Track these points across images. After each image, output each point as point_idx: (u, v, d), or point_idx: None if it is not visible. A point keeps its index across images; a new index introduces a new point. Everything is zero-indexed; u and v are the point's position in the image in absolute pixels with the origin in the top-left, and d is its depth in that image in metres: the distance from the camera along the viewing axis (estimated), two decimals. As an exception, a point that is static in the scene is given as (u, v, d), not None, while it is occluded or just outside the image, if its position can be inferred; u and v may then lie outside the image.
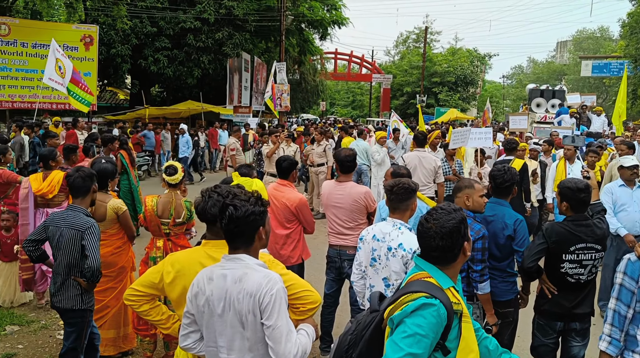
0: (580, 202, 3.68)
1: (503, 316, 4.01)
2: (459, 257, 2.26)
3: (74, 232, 3.60)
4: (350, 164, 4.85)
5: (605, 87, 45.12)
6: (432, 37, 52.45)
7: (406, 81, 44.87)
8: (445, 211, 2.27)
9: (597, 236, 3.66)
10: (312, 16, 26.71)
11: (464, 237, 2.25)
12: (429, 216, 2.29)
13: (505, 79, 74.04)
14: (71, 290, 3.67)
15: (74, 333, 3.72)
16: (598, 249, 3.66)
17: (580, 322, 3.78)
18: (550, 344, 3.88)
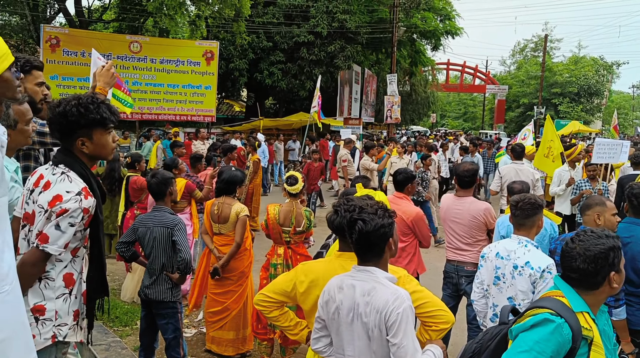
0: None
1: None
2: (602, 286, 2.15)
3: (164, 229, 3.87)
4: (469, 179, 4.73)
5: None
6: (552, 45, 49.84)
7: (523, 92, 42.99)
8: (595, 235, 2.18)
9: None
10: (424, 27, 26.47)
11: (612, 267, 2.13)
12: (576, 237, 2.21)
13: (636, 89, 68.31)
14: (163, 284, 3.94)
15: (169, 324, 3.97)
16: None
17: None
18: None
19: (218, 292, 4.76)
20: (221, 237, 4.75)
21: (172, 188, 4.06)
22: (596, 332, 2.13)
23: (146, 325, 4.11)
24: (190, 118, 19.64)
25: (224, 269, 4.66)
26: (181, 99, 19.07)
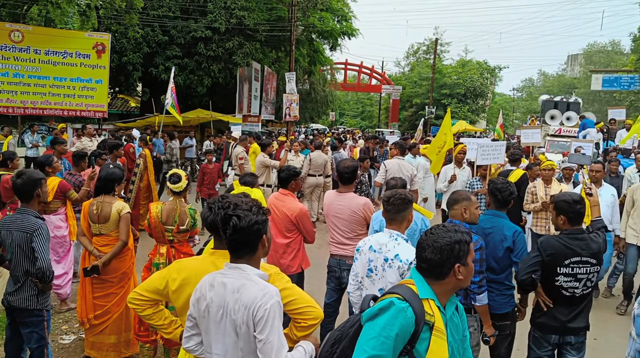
0: (577, 213, 3.70)
1: (500, 329, 4.05)
2: (448, 277, 2.26)
3: (24, 234, 3.67)
4: (349, 176, 4.89)
5: (615, 101, 44.86)
6: (442, 49, 52.59)
7: (415, 92, 45.01)
8: (445, 229, 2.30)
9: (593, 250, 3.66)
10: (322, 27, 26.88)
11: (458, 259, 2.24)
12: (429, 230, 2.34)
13: (516, 92, 73.99)
14: (28, 290, 3.75)
15: (33, 333, 3.79)
16: (593, 263, 3.66)
17: (576, 335, 3.78)
18: (546, 357, 3.89)
19: (99, 295, 4.59)
20: (101, 238, 4.57)
21: (41, 189, 3.84)
22: (439, 318, 2.24)
23: (11, 334, 3.90)
24: (80, 113, 18.53)
25: (105, 268, 4.48)
26: (69, 93, 17.93)
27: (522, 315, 4.26)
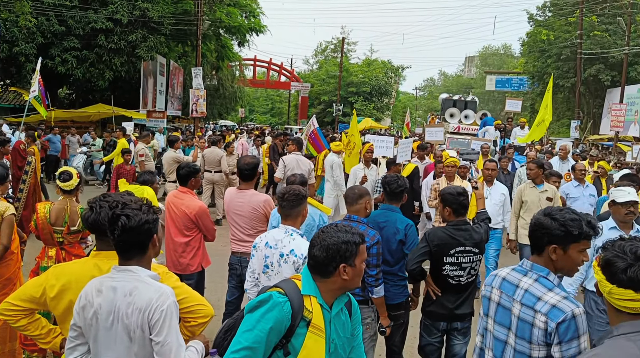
0: (460, 205, 3.95)
1: (394, 318, 4.19)
2: (333, 276, 2.25)
3: None
4: (249, 172, 4.90)
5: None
6: (349, 48, 53.83)
7: (323, 90, 45.68)
8: (337, 228, 2.31)
9: (475, 240, 3.91)
10: (230, 22, 26.62)
11: (344, 259, 2.24)
12: (323, 228, 2.36)
13: (418, 91, 77.20)
14: None
15: None
16: (475, 252, 3.91)
17: (462, 321, 3.99)
18: (436, 343, 4.08)
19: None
20: (-20, 242, 4.29)
21: None
22: (318, 315, 2.24)
23: None
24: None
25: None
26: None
27: (415, 304, 4.43)
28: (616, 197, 4.44)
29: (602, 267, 1.94)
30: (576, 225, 2.38)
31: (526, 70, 36.16)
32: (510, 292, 2.56)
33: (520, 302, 2.49)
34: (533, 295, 2.45)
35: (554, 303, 2.36)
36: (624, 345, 1.80)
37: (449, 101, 17.92)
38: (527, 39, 35.10)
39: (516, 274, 2.59)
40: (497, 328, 2.62)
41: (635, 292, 1.83)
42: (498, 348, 2.60)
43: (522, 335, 2.46)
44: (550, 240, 2.44)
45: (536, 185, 6.82)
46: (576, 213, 2.45)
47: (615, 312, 1.92)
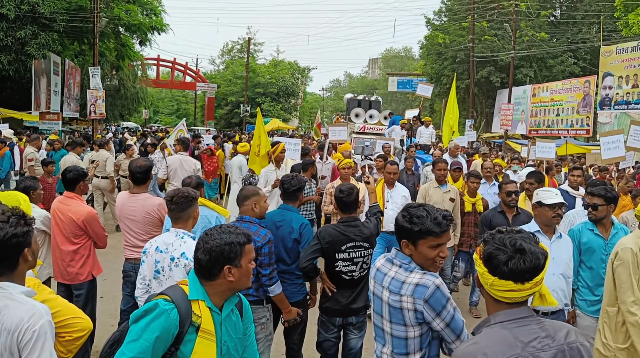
0: (342, 203, 4.10)
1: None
2: (219, 278, 2.24)
3: None
4: (142, 176, 4.74)
5: (409, 101, 50.05)
6: (256, 48, 53.59)
7: (230, 91, 45.22)
8: (220, 230, 2.29)
9: (365, 235, 4.00)
10: (129, 20, 25.64)
11: (228, 261, 2.23)
12: (207, 230, 2.33)
13: (325, 92, 78.52)
14: None
15: None
16: (366, 247, 4.00)
17: (356, 315, 4.06)
18: (332, 339, 4.13)
19: None
20: None
21: None
22: (208, 319, 2.22)
23: None
24: None
25: None
26: None
27: (313, 302, 4.46)
28: (543, 198, 4.13)
29: (484, 260, 1.97)
30: (419, 222, 2.50)
31: (425, 72, 37.91)
32: (379, 280, 2.67)
33: (388, 289, 2.59)
34: (398, 280, 2.57)
35: (416, 282, 2.48)
36: (500, 333, 1.88)
37: (354, 101, 17.87)
38: (425, 42, 36.77)
39: (387, 263, 2.70)
40: (376, 318, 2.71)
41: (514, 282, 1.89)
42: (380, 335, 2.71)
43: (396, 320, 2.56)
44: (401, 235, 2.60)
45: (440, 185, 6.82)
46: (430, 210, 2.55)
47: (493, 301, 1.99)
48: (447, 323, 2.48)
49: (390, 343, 2.61)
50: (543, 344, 1.84)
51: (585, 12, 31.49)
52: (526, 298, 1.96)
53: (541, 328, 1.89)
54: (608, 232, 4.37)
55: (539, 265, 1.89)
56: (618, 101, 24.68)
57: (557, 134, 26.45)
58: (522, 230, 2.02)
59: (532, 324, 1.90)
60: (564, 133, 26.08)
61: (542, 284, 1.97)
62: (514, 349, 1.81)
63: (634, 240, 3.69)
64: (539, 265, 1.89)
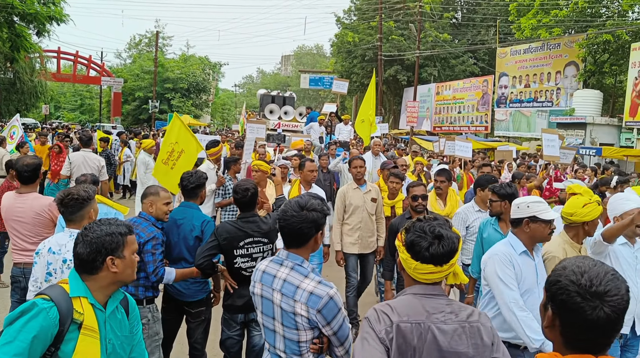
0: (238, 203, 4.12)
1: (196, 316, 4.25)
2: (102, 271, 2.23)
3: None
4: (30, 174, 4.49)
5: (321, 98, 50.72)
6: (165, 42, 52.07)
7: (138, 86, 43.64)
8: (99, 223, 2.28)
9: (263, 230, 3.99)
10: (24, 8, 24.08)
11: (111, 252, 2.23)
12: (87, 225, 2.30)
13: (238, 88, 77.85)
14: None
15: None
16: (265, 242, 3.98)
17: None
18: (235, 336, 4.09)
19: None
20: None
21: None
22: (91, 316, 2.18)
23: None
24: None
25: None
26: None
27: (217, 300, 4.41)
28: (539, 213, 3.33)
29: (407, 247, 2.12)
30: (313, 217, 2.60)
31: (336, 69, 38.59)
32: (268, 283, 2.65)
33: (280, 292, 2.58)
34: (292, 284, 2.56)
35: (310, 290, 2.51)
36: (411, 300, 2.09)
37: (267, 97, 17.17)
38: (336, 41, 37.45)
39: (273, 265, 2.69)
40: (265, 319, 2.70)
41: (434, 266, 2.07)
42: (270, 337, 2.70)
43: (288, 323, 2.57)
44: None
45: (359, 186, 6.16)
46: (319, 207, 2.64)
47: (412, 281, 2.16)
48: (334, 332, 2.57)
49: (283, 344, 2.64)
50: (446, 318, 2.04)
51: (483, 15, 33.40)
52: (443, 278, 2.16)
53: (448, 305, 2.09)
54: (508, 228, 4.10)
55: (454, 249, 2.09)
56: (512, 99, 26.48)
57: (459, 131, 27.94)
58: (438, 217, 2.23)
59: (441, 300, 2.10)
60: (465, 129, 27.62)
61: (456, 265, 2.21)
62: (419, 316, 2.03)
63: (561, 246, 3.50)
64: (455, 249, 2.09)
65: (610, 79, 24.83)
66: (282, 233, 2.64)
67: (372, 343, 1.99)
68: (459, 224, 5.46)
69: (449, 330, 2.01)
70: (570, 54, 23.51)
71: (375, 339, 1.99)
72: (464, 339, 2.01)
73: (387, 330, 2.00)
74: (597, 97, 22.26)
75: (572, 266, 1.53)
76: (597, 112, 22.08)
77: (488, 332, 2.05)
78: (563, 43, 23.79)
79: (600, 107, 22.53)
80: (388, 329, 2.00)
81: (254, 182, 4.36)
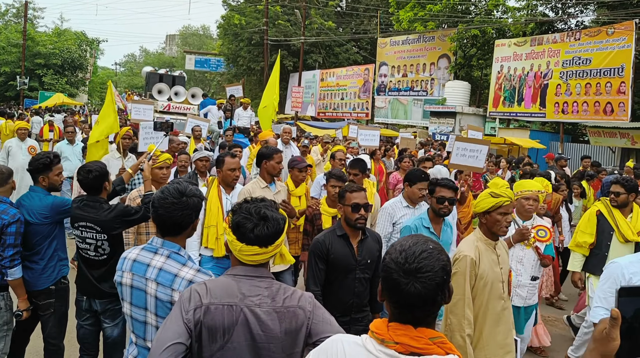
0: (80, 184, 3.98)
1: (44, 308, 4.07)
2: None
3: None
4: None
5: (207, 80, 49.78)
6: (35, 14, 48.05)
7: (4, 60, 39.86)
8: None
9: (97, 218, 3.78)
10: None
11: None
12: None
13: (119, 66, 73.81)
14: None
15: None
16: (97, 230, 3.79)
17: (101, 300, 3.88)
18: (87, 326, 3.97)
19: None
20: None
21: None
22: None
23: None
24: None
25: None
26: None
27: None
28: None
29: (233, 229, 2.10)
30: None
31: (222, 52, 38.05)
32: (141, 272, 2.51)
33: (155, 281, 2.46)
34: (169, 272, 2.46)
35: (190, 278, 2.44)
36: (227, 282, 2.08)
37: (155, 75, 15.79)
38: (222, 22, 36.85)
39: (146, 253, 2.56)
40: (134, 311, 2.54)
41: (259, 247, 2.07)
42: (139, 329, 2.55)
43: (163, 314, 2.44)
44: None
45: (268, 184, 5.11)
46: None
47: (238, 262, 2.15)
48: None
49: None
50: (262, 301, 2.04)
51: (366, 6, 34.57)
52: (268, 259, 2.16)
53: (267, 289, 2.08)
54: (440, 226, 4.32)
55: (279, 230, 2.12)
56: (391, 88, 27.83)
57: (342, 116, 28.90)
58: (265, 199, 2.23)
59: (261, 283, 2.09)
60: (347, 115, 28.61)
61: (282, 246, 2.25)
62: (233, 298, 2.03)
63: (474, 243, 3.40)
64: (280, 230, 2.12)
65: (477, 72, 26.90)
66: (158, 221, 2.53)
67: (174, 325, 1.99)
68: (385, 220, 4.89)
69: (261, 313, 2.02)
70: (443, 47, 25.13)
71: (179, 319, 2.00)
72: (276, 323, 2.02)
73: (195, 310, 2.00)
74: (465, 88, 24.05)
75: (397, 245, 1.64)
76: (465, 102, 23.87)
77: (304, 316, 2.07)
78: (437, 36, 25.35)
79: (468, 98, 24.37)
80: (197, 310, 2.00)
81: (103, 165, 4.10)
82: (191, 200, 2.54)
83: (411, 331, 1.54)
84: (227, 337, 1.98)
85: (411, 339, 1.51)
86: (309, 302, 2.11)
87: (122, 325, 3.92)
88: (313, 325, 2.07)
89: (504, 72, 21.46)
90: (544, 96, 19.75)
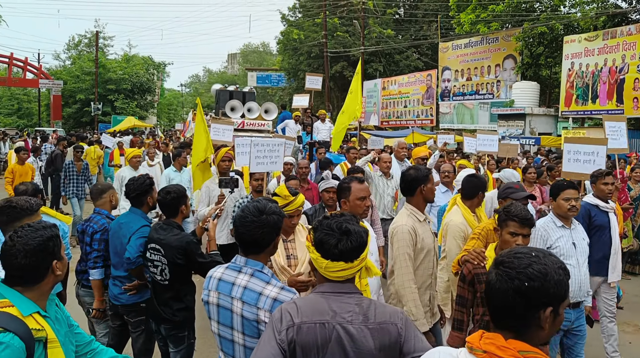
0: (159, 204, 4.10)
1: (135, 325, 4.25)
2: (46, 278, 2.17)
3: None
4: None
5: (269, 96, 50.50)
6: (105, 43, 50.60)
7: (79, 88, 42.23)
8: (30, 230, 2.17)
9: (163, 242, 3.77)
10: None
11: (54, 256, 2.18)
12: (14, 233, 2.17)
13: (184, 87, 76.50)
14: None
15: None
16: (162, 254, 3.78)
17: (166, 325, 3.88)
18: (162, 347, 4.10)
19: None
20: None
21: None
22: (49, 329, 2.11)
23: None
24: None
25: None
26: None
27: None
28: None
29: (316, 246, 2.08)
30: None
31: (282, 67, 38.60)
32: (226, 291, 2.50)
33: (240, 300, 2.44)
34: (253, 291, 2.43)
35: (274, 296, 2.39)
36: (317, 300, 2.04)
37: (225, 93, 14.74)
38: (282, 38, 37.40)
39: (230, 272, 2.55)
40: (222, 329, 2.54)
41: (345, 263, 2.04)
42: (228, 347, 2.54)
43: (250, 332, 2.43)
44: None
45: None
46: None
47: (324, 279, 2.12)
48: None
49: (244, 354, 2.49)
50: (353, 318, 2.00)
51: (425, 11, 34.11)
52: (355, 274, 2.12)
53: (357, 305, 2.04)
54: None
55: (363, 243, 2.08)
56: (455, 93, 27.20)
57: (406, 124, 28.48)
58: (345, 214, 2.20)
59: (350, 299, 2.05)
60: (412, 123, 28.17)
61: (367, 259, 2.20)
62: (324, 315, 1.99)
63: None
64: (364, 243, 2.08)
65: (546, 71, 25.84)
66: (240, 239, 2.52)
67: (267, 345, 1.98)
68: (538, 244, 4.16)
69: (354, 330, 1.98)
70: (508, 48, 24.34)
71: (272, 340, 1.98)
72: (369, 340, 1.98)
73: (287, 330, 1.98)
74: (534, 89, 23.15)
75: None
76: (535, 103, 22.97)
77: (397, 332, 2.02)
78: (501, 37, 24.59)
79: (537, 98, 23.44)
80: (290, 329, 1.98)
81: (182, 188, 4.07)
82: (271, 218, 2.50)
83: (499, 340, 1.52)
84: (321, 355, 1.97)
85: (497, 348, 1.50)
86: (400, 318, 2.06)
87: (186, 351, 3.88)
88: (406, 341, 2.02)
89: (575, 69, 20.49)
90: (620, 92, 18.69)
